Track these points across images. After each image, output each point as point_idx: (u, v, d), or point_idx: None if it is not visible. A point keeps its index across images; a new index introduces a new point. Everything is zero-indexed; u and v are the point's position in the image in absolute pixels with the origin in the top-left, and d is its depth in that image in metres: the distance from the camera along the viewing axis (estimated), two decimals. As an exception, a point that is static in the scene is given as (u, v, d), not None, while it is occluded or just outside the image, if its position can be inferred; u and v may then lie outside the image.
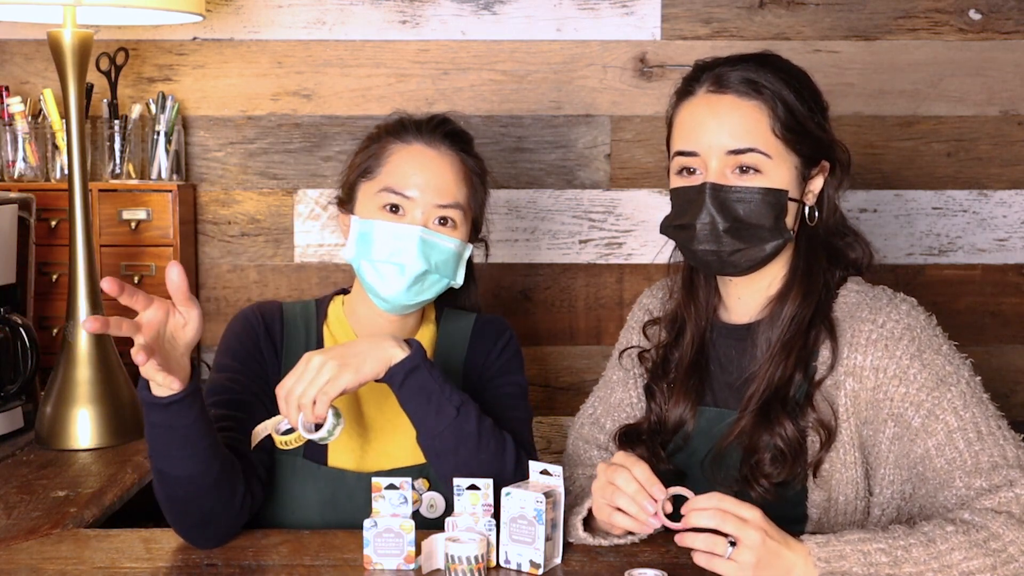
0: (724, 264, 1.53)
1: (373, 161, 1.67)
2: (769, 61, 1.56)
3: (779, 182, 1.51)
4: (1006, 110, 2.49)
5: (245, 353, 1.67)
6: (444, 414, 1.54)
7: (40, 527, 1.60)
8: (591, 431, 1.73)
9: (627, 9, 2.46)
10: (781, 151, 1.51)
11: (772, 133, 1.50)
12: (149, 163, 2.42)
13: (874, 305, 1.51)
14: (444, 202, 1.64)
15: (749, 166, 1.50)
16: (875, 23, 2.47)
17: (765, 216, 1.50)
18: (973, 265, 2.51)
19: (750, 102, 1.51)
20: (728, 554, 1.28)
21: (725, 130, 1.50)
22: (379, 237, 1.63)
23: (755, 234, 1.51)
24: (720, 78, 1.53)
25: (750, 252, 1.52)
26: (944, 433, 1.42)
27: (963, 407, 1.43)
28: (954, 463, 1.41)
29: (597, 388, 1.78)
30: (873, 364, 1.47)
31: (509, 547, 1.42)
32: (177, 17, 2.20)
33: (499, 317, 1.83)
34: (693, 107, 1.54)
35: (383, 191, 1.64)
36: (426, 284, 1.65)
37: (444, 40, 2.48)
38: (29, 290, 2.22)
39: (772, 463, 1.49)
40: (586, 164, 2.50)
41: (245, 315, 1.71)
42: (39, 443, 2.05)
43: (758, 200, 1.50)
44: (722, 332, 1.62)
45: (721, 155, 1.50)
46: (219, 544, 1.52)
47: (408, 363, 1.52)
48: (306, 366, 1.47)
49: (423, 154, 1.66)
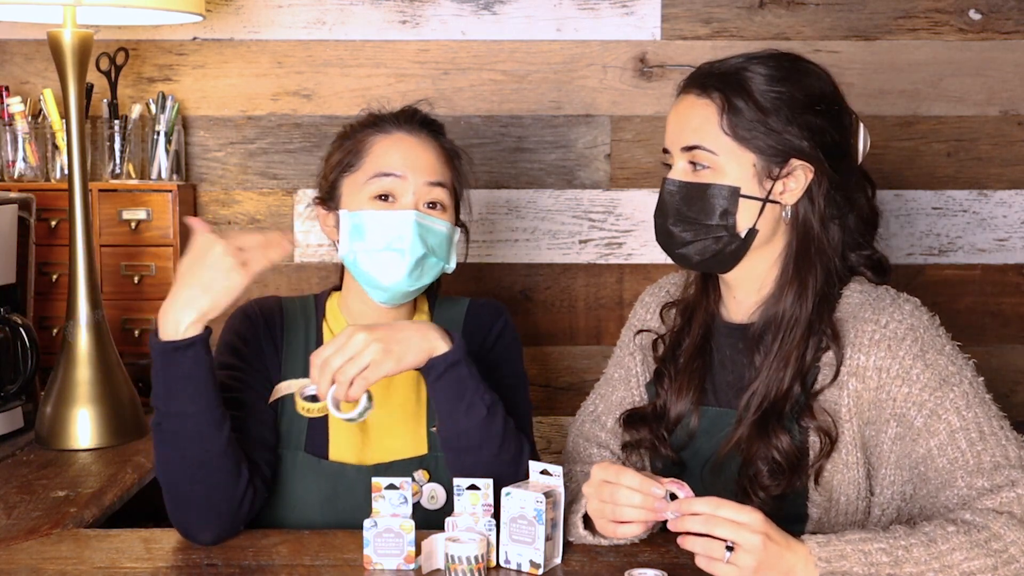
0: (677, 257, 1.58)
1: (353, 155, 1.68)
2: (763, 59, 1.55)
3: (729, 179, 1.52)
4: (1006, 110, 2.49)
5: (246, 350, 1.67)
6: (475, 412, 1.53)
7: (40, 527, 1.60)
8: (591, 428, 1.73)
9: (627, 9, 2.46)
10: (732, 148, 1.52)
11: (721, 130, 1.52)
12: (149, 163, 2.42)
13: (877, 306, 1.51)
14: (432, 179, 1.65)
15: (698, 163, 1.53)
16: (875, 23, 2.47)
17: (709, 212, 1.52)
18: (973, 265, 2.51)
19: (702, 99, 1.54)
20: (726, 559, 1.28)
21: (681, 127, 1.55)
22: (373, 226, 1.63)
23: (701, 228, 1.53)
24: (696, 77, 1.57)
25: (698, 246, 1.54)
26: (946, 433, 1.42)
27: (966, 407, 1.43)
28: (956, 463, 1.41)
29: (598, 385, 1.78)
30: (876, 364, 1.47)
31: (509, 547, 1.42)
32: (177, 17, 2.20)
33: (494, 300, 1.83)
34: (673, 106, 1.60)
35: (373, 178, 1.64)
36: (425, 268, 1.65)
37: (444, 40, 2.48)
38: (29, 290, 2.22)
39: (770, 476, 1.49)
40: (586, 164, 2.50)
41: (244, 311, 1.71)
42: (39, 443, 2.05)
43: (702, 195, 1.52)
44: (723, 330, 1.63)
45: (678, 151, 1.55)
46: (217, 540, 1.51)
47: (451, 356, 1.51)
48: (348, 340, 1.46)
49: (404, 140, 1.67)
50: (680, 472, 1.58)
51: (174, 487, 1.50)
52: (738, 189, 1.52)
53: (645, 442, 1.62)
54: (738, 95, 1.51)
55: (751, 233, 1.53)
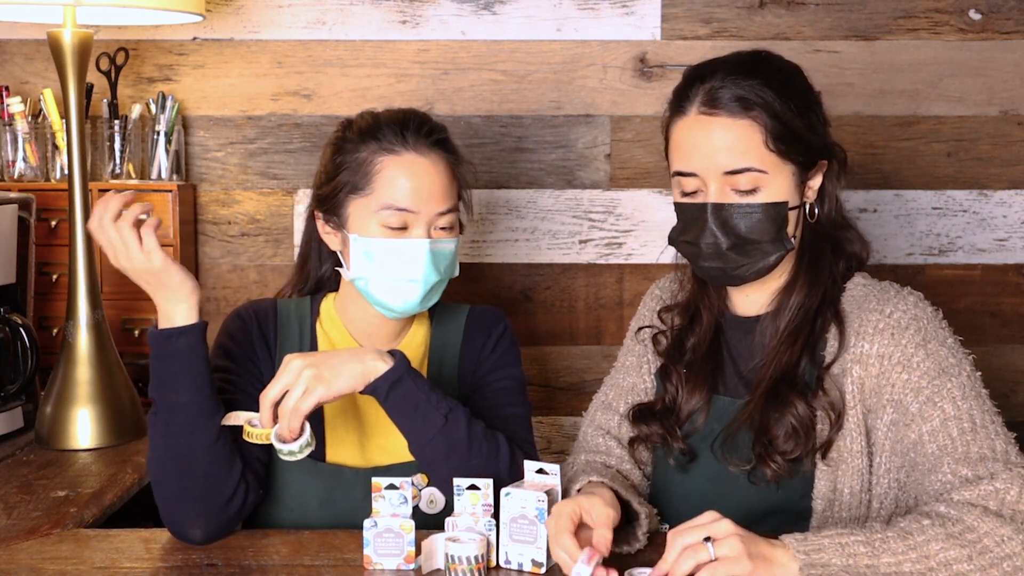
0: (730, 278, 1.57)
1: (362, 177, 1.64)
2: (758, 67, 1.55)
3: (779, 195, 1.52)
4: (1006, 110, 2.49)
5: (239, 352, 1.68)
6: (432, 422, 1.53)
7: (40, 527, 1.60)
8: (603, 417, 1.72)
9: (627, 9, 2.46)
10: (777, 163, 1.52)
11: (766, 148, 1.51)
12: (149, 163, 2.42)
13: (882, 296, 1.54)
14: (444, 208, 1.64)
15: (742, 184, 1.51)
16: (875, 23, 2.47)
17: (767, 231, 1.52)
18: (973, 265, 2.51)
19: (742, 120, 1.51)
20: (711, 552, 1.28)
21: (720, 151, 1.51)
22: (386, 256, 1.62)
23: (758, 248, 1.53)
24: (712, 97, 1.52)
25: (754, 265, 1.55)
26: (939, 420, 1.44)
27: (961, 398, 1.45)
28: (945, 449, 1.42)
29: (608, 377, 1.78)
30: (879, 352, 1.50)
31: (509, 547, 1.42)
32: (177, 17, 2.20)
33: (493, 308, 1.83)
34: (688, 127, 1.54)
35: (383, 210, 1.62)
36: (436, 289, 1.67)
37: (444, 40, 2.48)
38: (29, 290, 2.22)
39: (786, 439, 1.51)
40: (586, 164, 2.50)
41: (239, 313, 1.72)
42: (39, 443, 2.05)
43: (759, 216, 1.52)
44: (732, 323, 1.65)
45: (719, 175, 1.51)
46: (208, 538, 1.52)
47: (391, 375, 1.51)
48: (284, 367, 1.48)
49: (415, 164, 1.63)
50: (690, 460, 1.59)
51: (166, 479, 1.51)
52: (786, 203, 1.53)
53: (655, 436, 1.63)
54: (772, 112, 1.51)
55: (791, 240, 1.56)
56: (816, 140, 1.56)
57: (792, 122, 1.52)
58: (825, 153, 1.58)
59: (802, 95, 1.56)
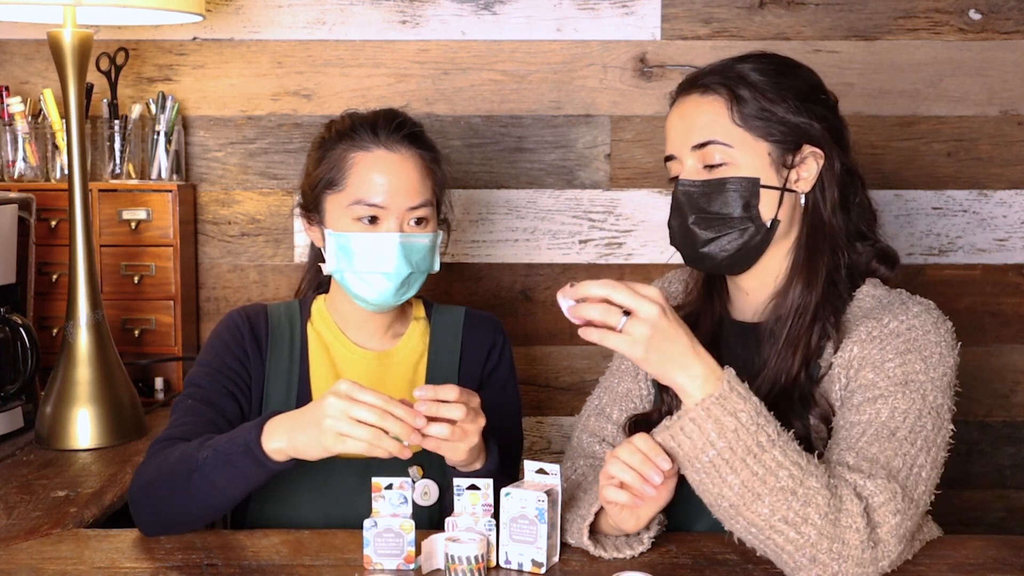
0: (700, 257, 1.56)
1: (336, 173, 1.68)
2: (752, 56, 1.58)
3: (747, 171, 1.52)
4: (1006, 110, 2.49)
5: (226, 351, 1.72)
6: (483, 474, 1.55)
7: (40, 527, 1.60)
8: (597, 422, 1.71)
9: (627, 9, 2.46)
10: (745, 138, 1.52)
11: (732, 122, 1.52)
12: (149, 163, 2.42)
13: (887, 306, 1.52)
14: (415, 203, 1.67)
15: (711, 160, 1.53)
16: (875, 23, 2.47)
17: (731, 204, 1.52)
18: (973, 265, 2.51)
19: (708, 97, 1.54)
20: (620, 325, 1.27)
21: (687, 128, 1.55)
22: (359, 249, 1.66)
23: (723, 222, 1.53)
24: (691, 80, 1.57)
25: (721, 242, 1.54)
26: (867, 418, 1.42)
27: (903, 412, 1.41)
28: (848, 441, 1.41)
29: (603, 379, 1.77)
30: (861, 354, 1.48)
31: (509, 547, 1.42)
32: (177, 17, 2.20)
33: (489, 314, 1.88)
34: (671, 113, 1.60)
35: (354, 204, 1.66)
36: (411, 282, 1.70)
37: (444, 40, 2.48)
38: (29, 290, 2.22)
39: None
40: (586, 164, 2.50)
41: (231, 316, 1.77)
42: (39, 443, 2.05)
43: (722, 189, 1.52)
44: (733, 330, 1.64)
45: (688, 152, 1.54)
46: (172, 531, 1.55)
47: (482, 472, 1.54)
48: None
49: (386, 160, 1.67)
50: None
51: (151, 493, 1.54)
52: (757, 180, 1.52)
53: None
54: (743, 87, 1.53)
55: (774, 224, 1.54)
56: (799, 122, 1.54)
57: (764, 97, 1.52)
58: (813, 139, 1.55)
59: (790, 79, 1.56)
